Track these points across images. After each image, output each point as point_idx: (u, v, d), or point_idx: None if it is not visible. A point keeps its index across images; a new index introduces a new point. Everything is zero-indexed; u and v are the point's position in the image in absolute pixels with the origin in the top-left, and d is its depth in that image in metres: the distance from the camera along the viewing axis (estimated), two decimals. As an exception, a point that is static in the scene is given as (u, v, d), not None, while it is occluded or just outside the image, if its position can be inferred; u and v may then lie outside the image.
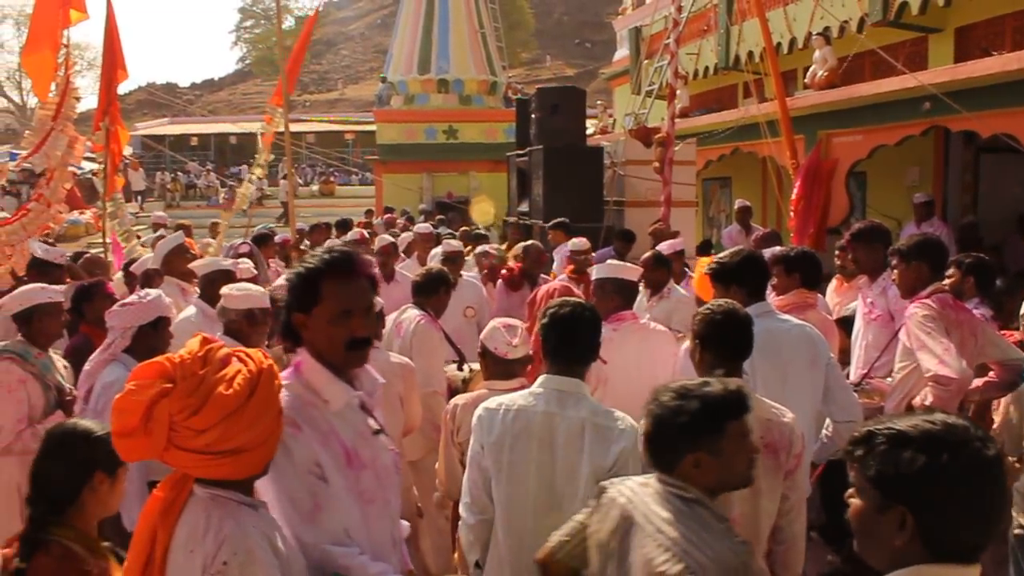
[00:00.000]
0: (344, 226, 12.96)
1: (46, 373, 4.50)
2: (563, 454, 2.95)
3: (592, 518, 2.44)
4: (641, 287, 5.87)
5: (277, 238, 9.81)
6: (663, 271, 6.30)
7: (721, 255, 4.15)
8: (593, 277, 4.88)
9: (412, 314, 5.21)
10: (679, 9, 11.30)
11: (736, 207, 11.54)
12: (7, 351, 4.39)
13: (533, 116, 11.88)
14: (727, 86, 15.90)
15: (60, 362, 4.75)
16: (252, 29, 68.33)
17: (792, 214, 10.33)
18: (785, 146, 9.91)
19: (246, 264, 6.63)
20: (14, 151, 29.64)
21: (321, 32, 71.29)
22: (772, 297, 4.65)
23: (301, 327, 2.45)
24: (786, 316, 4.03)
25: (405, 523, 2.81)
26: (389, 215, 11.99)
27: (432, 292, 5.25)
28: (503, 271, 7.61)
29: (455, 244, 7.65)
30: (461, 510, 3.20)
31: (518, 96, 19.93)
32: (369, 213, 17.27)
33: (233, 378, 2.04)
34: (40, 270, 6.09)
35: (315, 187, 31.18)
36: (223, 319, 4.47)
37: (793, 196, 10.28)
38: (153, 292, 4.66)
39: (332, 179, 32.16)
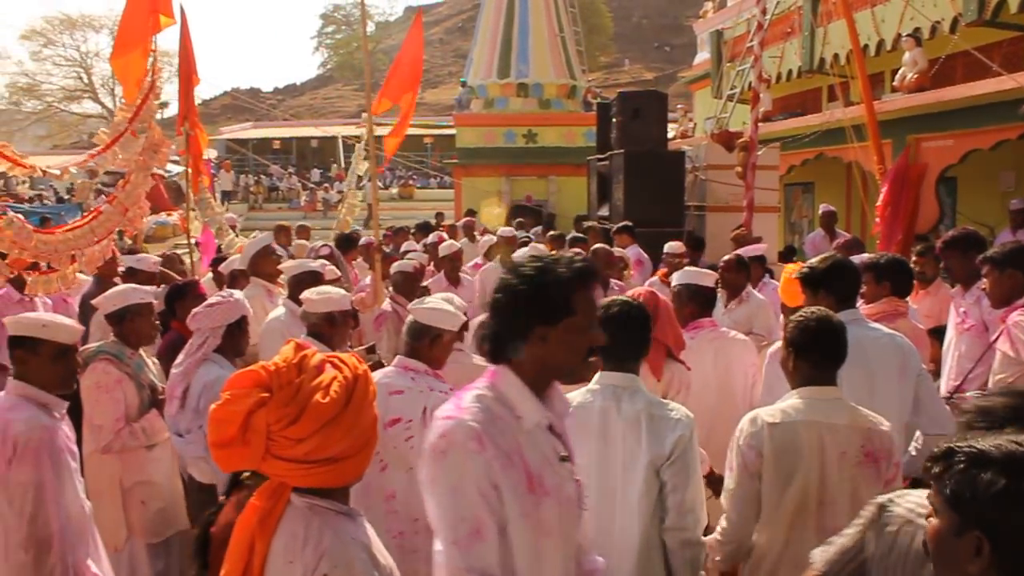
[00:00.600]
0: (425, 229, 13.08)
1: (140, 373, 4.60)
2: (621, 446, 3.00)
3: (872, 538, 2.29)
4: (719, 291, 5.84)
5: (362, 241, 9.94)
6: (743, 274, 6.24)
7: (811, 260, 4.11)
8: (672, 284, 4.88)
9: None
10: (763, 11, 11.17)
11: (820, 212, 11.35)
12: (103, 352, 4.49)
13: (614, 120, 11.87)
14: (811, 89, 15.65)
15: (150, 360, 4.88)
16: (333, 35, 69.52)
17: (878, 220, 10.12)
18: (872, 151, 9.71)
19: (329, 267, 6.76)
20: (91, 162, 30.68)
21: (399, 37, 72.15)
22: (861, 305, 4.57)
23: (538, 339, 2.33)
24: (876, 324, 3.96)
25: (600, 559, 2.70)
26: (469, 219, 12.05)
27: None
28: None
29: (542, 248, 7.67)
30: None
31: (598, 100, 19.87)
32: (439, 216, 17.36)
33: (329, 385, 2.01)
34: (131, 276, 6.23)
35: (394, 190, 31.54)
36: (306, 322, 4.56)
37: (879, 202, 10.08)
38: (236, 292, 4.82)
39: (411, 182, 32.51)
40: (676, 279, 4.82)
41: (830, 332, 3.12)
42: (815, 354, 3.12)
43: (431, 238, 9.67)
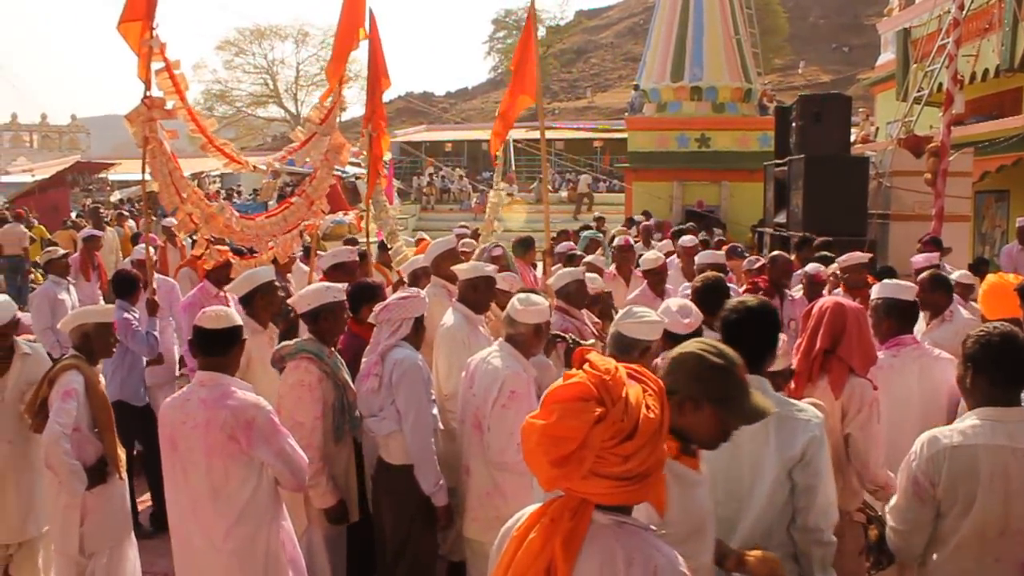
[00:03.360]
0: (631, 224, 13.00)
1: (337, 371, 4.72)
2: (749, 447, 2.96)
3: None
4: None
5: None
6: (940, 293, 5.82)
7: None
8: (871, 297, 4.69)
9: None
10: (960, 7, 10.59)
11: (1018, 224, 10.67)
12: (304, 350, 4.63)
13: (793, 124, 11.56)
14: (1010, 90, 14.66)
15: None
16: (504, 40, 70.44)
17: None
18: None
19: (509, 275, 6.79)
20: (290, 157, 32.24)
21: (571, 41, 72.53)
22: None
23: None
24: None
25: None
26: (646, 223, 11.97)
27: (715, 305, 5.08)
28: (750, 282, 7.42)
29: (719, 256, 7.54)
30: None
31: (774, 103, 19.35)
32: (599, 220, 17.23)
33: (645, 399, 1.95)
34: (337, 270, 6.47)
35: (563, 193, 31.65)
36: (511, 330, 4.53)
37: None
38: (420, 291, 4.95)
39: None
40: (875, 292, 4.63)
41: (1014, 349, 2.94)
42: (996, 372, 2.96)
43: (616, 241, 9.58)
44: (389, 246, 10.62)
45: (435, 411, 4.66)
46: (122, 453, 4.66)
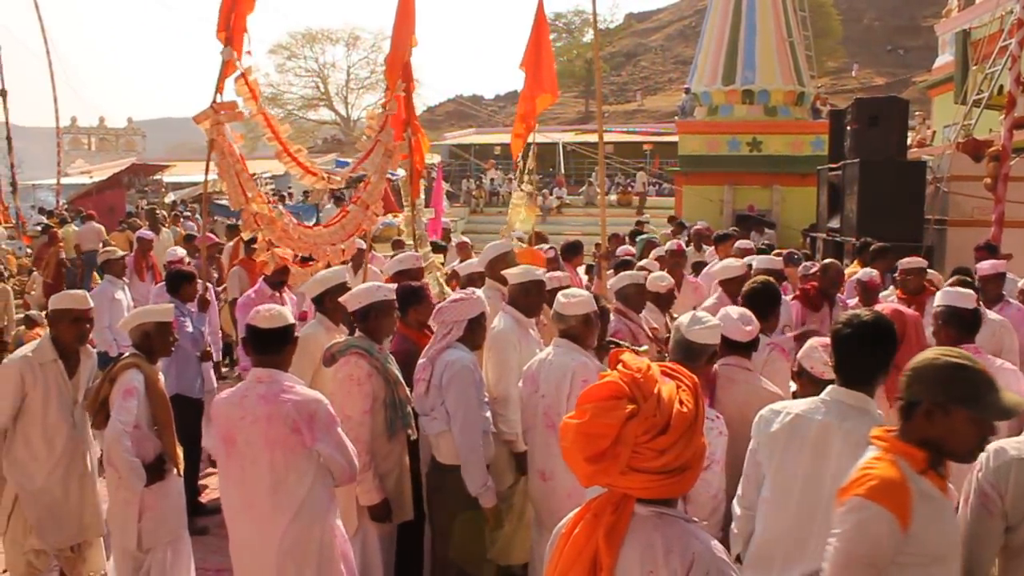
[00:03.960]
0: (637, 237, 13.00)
1: (387, 367, 4.79)
2: (836, 465, 2.90)
3: None
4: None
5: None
6: None
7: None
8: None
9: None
10: (1024, 7, 10.33)
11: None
12: (354, 346, 4.70)
13: (848, 128, 11.38)
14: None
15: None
16: (553, 43, 70.40)
17: None
18: None
19: (559, 273, 6.79)
20: (340, 159, 32.51)
21: (620, 44, 72.33)
22: None
23: None
24: None
25: None
26: (700, 228, 11.86)
27: (768, 311, 5.00)
28: (800, 289, 7.30)
29: (776, 261, 7.43)
30: (734, 502, 3.29)
31: (827, 107, 19.09)
32: (641, 224, 17.12)
33: (679, 395, 2.02)
34: (402, 275, 6.47)
35: (612, 197, 31.55)
36: (562, 325, 4.60)
37: None
38: (477, 291, 4.96)
39: (629, 189, 32.41)
40: (937, 299, 4.54)
41: None
42: None
43: (669, 245, 9.51)
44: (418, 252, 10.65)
45: (487, 413, 4.67)
46: (179, 450, 4.74)
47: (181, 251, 10.02)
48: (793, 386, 4.03)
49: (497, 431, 4.93)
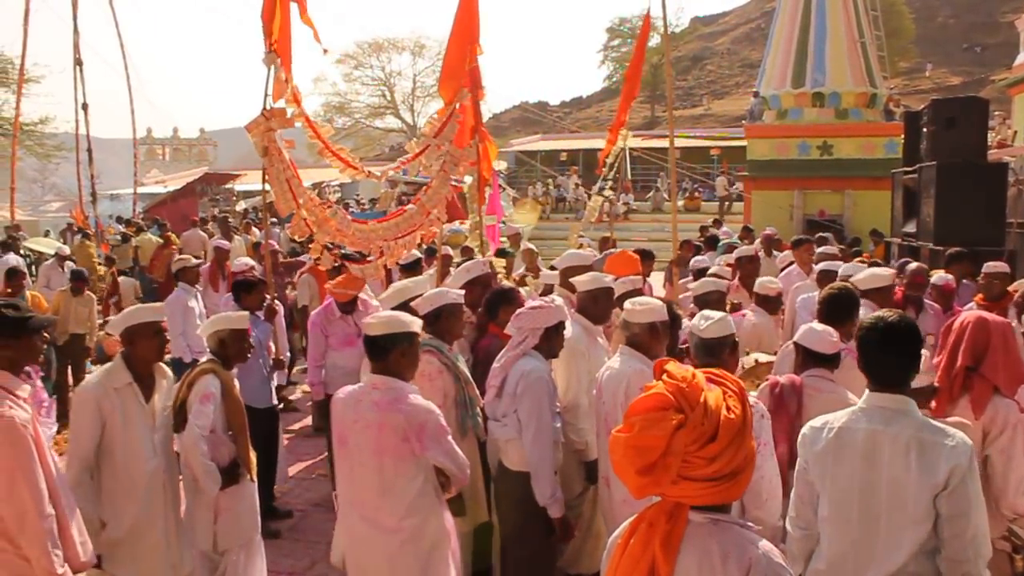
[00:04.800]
0: (713, 242, 12.85)
1: (457, 366, 4.98)
2: (888, 471, 2.91)
3: None
4: None
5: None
6: None
7: None
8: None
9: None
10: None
11: None
12: (426, 345, 4.75)
13: (924, 130, 11.10)
14: None
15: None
16: (619, 48, 70.13)
17: None
18: None
19: (632, 277, 6.74)
20: (404, 167, 32.81)
21: (686, 48, 71.74)
22: None
23: None
24: None
25: None
26: (769, 233, 11.67)
27: (846, 317, 4.87)
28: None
29: (854, 268, 7.26)
30: (787, 524, 3.26)
31: (900, 108, 18.65)
32: (704, 230, 16.90)
33: (726, 401, 2.03)
34: (474, 284, 6.50)
35: (680, 202, 31.31)
36: (627, 332, 4.60)
37: None
38: (557, 299, 4.97)
39: (697, 194, 32.13)
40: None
41: None
42: None
43: (739, 252, 9.37)
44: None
45: (558, 424, 4.66)
46: (253, 456, 4.81)
47: (249, 260, 10.16)
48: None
49: (566, 440, 4.92)
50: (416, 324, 4.06)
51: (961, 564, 2.82)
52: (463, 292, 5.32)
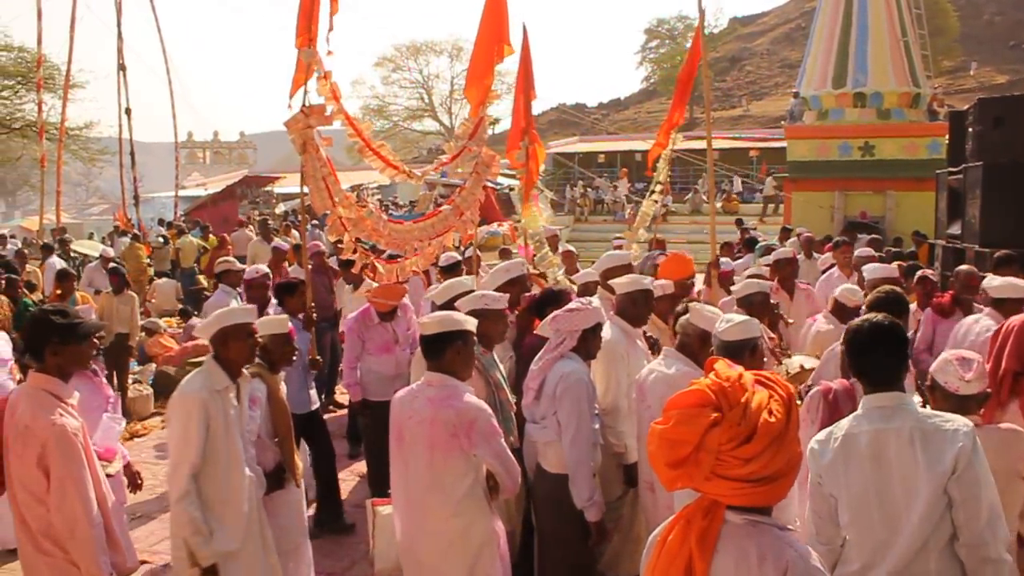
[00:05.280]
0: (752, 244, 12.76)
1: (489, 370, 4.92)
2: (898, 468, 2.93)
3: None
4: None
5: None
6: None
7: None
8: None
9: None
10: None
11: None
12: None
13: (970, 130, 10.89)
14: None
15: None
16: (656, 49, 69.84)
17: None
18: None
19: (663, 282, 6.69)
20: (443, 169, 32.93)
21: (725, 49, 71.24)
22: None
23: None
24: None
25: None
26: (808, 234, 11.56)
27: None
28: (933, 298, 7.04)
29: (892, 269, 7.19)
30: (808, 542, 3.20)
31: (944, 108, 18.37)
32: (744, 231, 16.72)
33: (769, 404, 2.03)
34: (513, 285, 6.50)
35: (718, 204, 31.10)
36: (681, 334, 4.62)
37: None
38: (594, 300, 4.94)
39: (735, 196, 31.89)
40: None
41: None
42: None
43: (781, 252, 9.28)
44: (535, 254, 10.70)
45: (596, 426, 4.64)
46: (299, 460, 4.83)
47: (263, 267, 10.14)
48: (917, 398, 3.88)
49: (605, 443, 4.90)
50: (470, 323, 4.11)
51: (979, 548, 2.83)
52: (505, 296, 5.29)
